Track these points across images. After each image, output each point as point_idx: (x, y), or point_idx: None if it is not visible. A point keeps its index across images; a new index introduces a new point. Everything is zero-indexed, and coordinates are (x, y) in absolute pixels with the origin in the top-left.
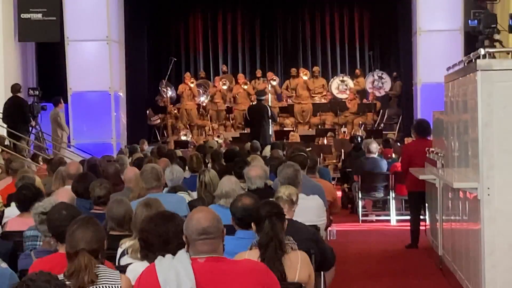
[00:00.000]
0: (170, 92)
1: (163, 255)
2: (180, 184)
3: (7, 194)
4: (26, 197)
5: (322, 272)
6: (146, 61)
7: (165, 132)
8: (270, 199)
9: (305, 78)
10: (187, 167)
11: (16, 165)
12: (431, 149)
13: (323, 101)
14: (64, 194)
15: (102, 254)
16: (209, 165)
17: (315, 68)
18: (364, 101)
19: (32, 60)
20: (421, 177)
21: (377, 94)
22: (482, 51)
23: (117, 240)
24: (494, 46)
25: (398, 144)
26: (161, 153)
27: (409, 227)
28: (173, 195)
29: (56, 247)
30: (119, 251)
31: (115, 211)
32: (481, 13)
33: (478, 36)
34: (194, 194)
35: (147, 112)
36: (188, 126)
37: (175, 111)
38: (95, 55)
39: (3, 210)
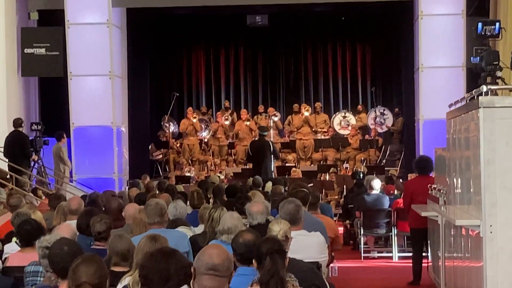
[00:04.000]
0: (172, 127)
1: None
2: (183, 218)
3: (7, 229)
4: (27, 232)
5: None
6: (149, 96)
7: (167, 167)
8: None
9: (307, 113)
10: (188, 203)
11: (15, 201)
12: (433, 185)
13: (325, 137)
14: (66, 229)
15: None
16: (211, 200)
17: (317, 104)
18: (366, 137)
19: (35, 94)
20: (423, 214)
21: (379, 130)
22: (484, 88)
23: (117, 276)
24: (496, 83)
25: (400, 180)
26: (162, 188)
27: (411, 264)
28: (174, 231)
29: (57, 283)
30: (119, 287)
31: (119, 246)
32: (484, 50)
33: (480, 73)
34: (196, 230)
35: (149, 147)
36: (190, 161)
37: (177, 146)
38: (98, 90)
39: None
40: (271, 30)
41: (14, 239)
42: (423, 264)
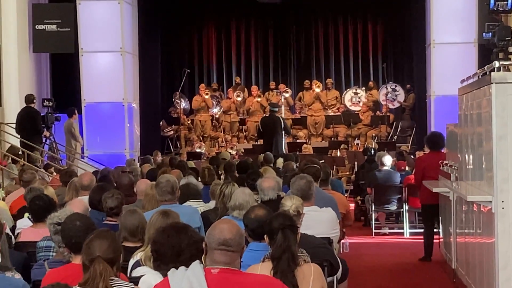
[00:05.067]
0: (183, 104)
1: (176, 267)
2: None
3: (19, 205)
4: (39, 208)
5: (335, 285)
6: (160, 73)
7: (178, 144)
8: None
9: (318, 90)
10: (199, 179)
11: (27, 176)
12: (445, 161)
13: (336, 113)
14: (78, 205)
15: (117, 266)
16: (222, 176)
17: (328, 80)
18: (378, 113)
19: (46, 71)
20: (434, 190)
21: (391, 106)
22: (496, 63)
23: (129, 252)
24: (509, 59)
25: (412, 156)
26: (173, 164)
27: (422, 240)
28: (186, 207)
29: (69, 258)
30: (131, 262)
31: (129, 221)
32: (496, 25)
33: (492, 48)
34: (209, 205)
35: (161, 123)
36: (201, 138)
37: (189, 123)
38: (109, 66)
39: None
40: (282, 6)
41: (26, 214)
42: (434, 240)
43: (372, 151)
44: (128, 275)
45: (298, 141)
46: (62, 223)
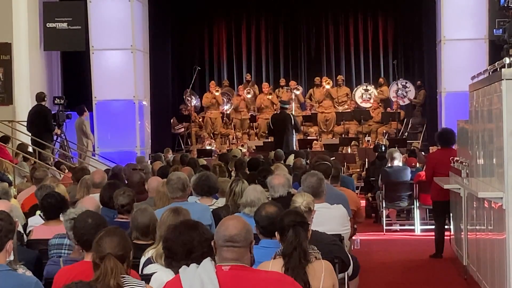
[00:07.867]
0: (194, 101)
1: (188, 265)
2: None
3: (31, 202)
4: (51, 205)
5: (346, 282)
6: (170, 70)
7: (189, 141)
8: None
9: (328, 87)
10: None
11: (40, 174)
12: (456, 158)
13: (347, 109)
14: (89, 202)
15: (128, 263)
16: (233, 173)
17: (339, 77)
18: (388, 110)
19: (57, 69)
20: (445, 186)
21: (401, 103)
22: (507, 60)
23: (141, 249)
24: None
25: (422, 153)
26: (184, 161)
27: (433, 237)
28: (197, 204)
29: (83, 256)
30: (143, 259)
31: (140, 220)
32: (506, 22)
33: (503, 45)
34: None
35: (171, 120)
36: (211, 135)
37: (199, 120)
38: (120, 64)
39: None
40: (292, 3)
41: (38, 212)
42: (445, 237)
43: (383, 148)
44: (140, 272)
45: (308, 138)
46: (75, 220)
